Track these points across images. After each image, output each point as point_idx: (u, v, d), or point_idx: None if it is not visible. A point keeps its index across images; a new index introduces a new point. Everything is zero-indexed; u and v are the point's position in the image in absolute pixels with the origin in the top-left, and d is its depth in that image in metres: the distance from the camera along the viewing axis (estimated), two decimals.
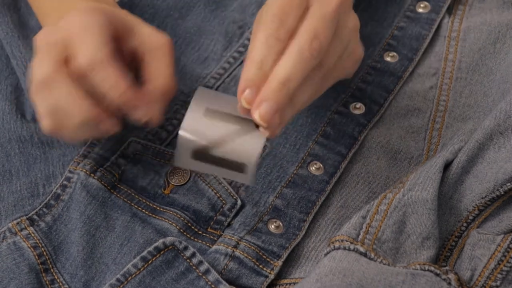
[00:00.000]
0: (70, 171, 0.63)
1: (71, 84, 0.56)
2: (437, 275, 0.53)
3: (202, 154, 0.56)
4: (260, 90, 0.53)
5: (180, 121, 0.68)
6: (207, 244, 0.61)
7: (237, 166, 0.56)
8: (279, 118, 0.53)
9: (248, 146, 0.55)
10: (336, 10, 0.55)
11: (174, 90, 0.60)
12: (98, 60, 0.56)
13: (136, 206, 0.62)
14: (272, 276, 0.59)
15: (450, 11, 0.73)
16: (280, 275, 0.60)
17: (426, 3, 0.73)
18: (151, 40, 0.61)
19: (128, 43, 0.61)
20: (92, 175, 0.63)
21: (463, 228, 0.59)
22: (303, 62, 0.53)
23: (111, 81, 0.56)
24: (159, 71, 0.60)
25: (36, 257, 0.60)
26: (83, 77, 0.57)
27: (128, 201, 0.62)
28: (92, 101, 0.57)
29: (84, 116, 0.57)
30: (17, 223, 0.62)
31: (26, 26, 0.71)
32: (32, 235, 0.61)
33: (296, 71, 0.53)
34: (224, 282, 0.57)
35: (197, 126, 0.56)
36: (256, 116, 0.53)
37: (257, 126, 0.55)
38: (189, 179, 0.63)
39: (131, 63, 0.61)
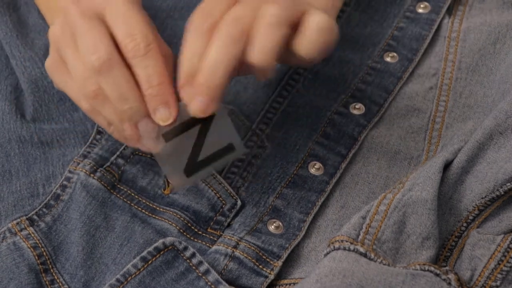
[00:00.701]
0: (70, 171, 0.63)
1: (127, 71, 0.56)
2: (437, 275, 0.53)
3: (193, 167, 0.57)
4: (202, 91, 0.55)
5: None
6: (207, 245, 0.61)
7: (227, 149, 0.58)
8: (214, 104, 0.55)
9: (220, 128, 0.57)
10: None
11: None
12: (144, 47, 0.56)
13: (136, 206, 0.62)
14: (272, 277, 0.59)
15: (450, 11, 0.73)
16: (280, 276, 0.60)
17: (426, 3, 0.73)
18: (161, 45, 0.61)
19: None
20: (92, 175, 0.63)
21: (463, 228, 0.59)
22: (226, 47, 0.54)
23: (155, 68, 0.56)
24: None
25: (36, 257, 0.60)
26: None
27: (128, 201, 0.62)
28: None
29: (136, 106, 0.56)
30: (17, 223, 0.62)
31: (25, 25, 0.71)
32: (32, 235, 0.61)
33: (221, 59, 0.54)
34: (224, 282, 0.57)
35: (168, 153, 0.58)
36: (192, 111, 0.55)
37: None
38: None
39: None
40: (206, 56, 0.55)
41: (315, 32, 0.57)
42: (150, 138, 0.57)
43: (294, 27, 0.57)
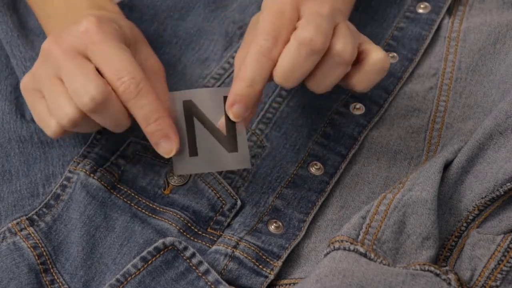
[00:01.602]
0: (70, 171, 0.63)
1: (120, 103, 0.56)
2: (437, 275, 0.53)
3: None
4: (248, 106, 0.56)
5: None
6: (207, 245, 0.61)
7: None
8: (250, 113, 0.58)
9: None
10: (330, 10, 0.56)
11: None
12: (136, 86, 0.56)
13: (136, 206, 0.62)
14: (272, 277, 0.59)
15: (450, 11, 0.73)
16: (280, 276, 0.60)
17: (426, 3, 0.73)
18: (151, 62, 0.62)
19: None
20: (92, 175, 0.62)
21: (463, 228, 0.59)
22: (300, 56, 0.55)
23: (150, 107, 0.56)
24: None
25: (36, 257, 0.60)
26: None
27: (128, 201, 0.62)
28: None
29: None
30: (17, 223, 0.62)
31: (25, 27, 0.71)
32: (32, 235, 0.61)
33: (294, 69, 0.55)
34: (223, 282, 0.57)
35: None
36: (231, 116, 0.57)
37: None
38: (189, 179, 0.63)
39: None
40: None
41: (375, 72, 0.58)
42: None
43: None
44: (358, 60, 0.59)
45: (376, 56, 0.58)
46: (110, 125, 0.58)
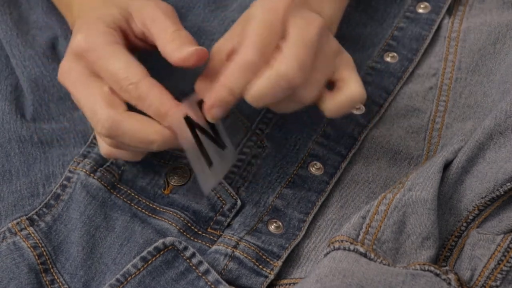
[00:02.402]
0: (70, 171, 0.63)
1: (135, 124, 0.56)
2: (437, 275, 0.53)
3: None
4: (226, 110, 0.56)
5: None
6: (207, 244, 0.61)
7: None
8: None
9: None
10: (316, 36, 0.56)
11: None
12: (139, 90, 0.56)
13: (136, 206, 0.62)
14: (272, 276, 0.59)
15: (450, 11, 0.73)
16: (280, 275, 0.60)
17: (426, 3, 0.73)
18: (149, 9, 0.60)
19: (135, 30, 0.61)
20: (92, 175, 0.62)
21: (463, 228, 0.59)
22: (276, 88, 0.55)
23: (156, 104, 0.56)
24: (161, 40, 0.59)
25: (36, 257, 0.60)
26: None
27: (128, 201, 0.62)
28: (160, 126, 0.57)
29: (162, 140, 0.57)
30: (17, 223, 0.62)
31: (26, 22, 0.71)
32: (32, 235, 0.61)
33: (267, 96, 0.56)
34: (224, 282, 0.57)
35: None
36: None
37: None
38: (189, 179, 0.63)
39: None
40: (253, 86, 0.56)
41: (348, 105, 0.58)
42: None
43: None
44: (335, 86, 0.59)
45: (354, 90, 0.58)
46: (141, 138, 0.57)
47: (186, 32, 0.59)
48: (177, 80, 0.71)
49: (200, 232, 0.61)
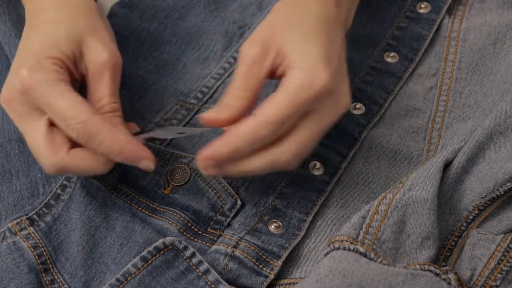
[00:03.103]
0: None
1: (80, 163, 0.57)
2: (437, 275, 0.53)
3: None
4: (220, 165, 0.57)
5: (179, 120, 0.68)
6: (207, 244, 0.61)
7: None
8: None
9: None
10: (325, 131, 0.58)
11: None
12: (87, 129, 0.56)
13: (136, 206, 0.62)
14: (272, 276, 0.59)
15: (450, 11, 0.73)
16: (280, 275, 0.60)
17: (426, 3, 0.73)
18: (97, 56, 0.60)
19: (81, 63, 0.61)
20: None
21: (463, 228, 0.59)
22: (267, 171, 0.57)
23: (108, 142, 0.56)
24: (101, 92, 0.60)
25: (36, 257, 0.60)
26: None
27: (128, 201, 0.62)
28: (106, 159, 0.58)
29: (109, 168, 0.59)
30: (17, 223, 0.62)
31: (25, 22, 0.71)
32: (32, 235, 0.61)
33: (253, 173, 0.57)
34: (224, 282, 0.57)
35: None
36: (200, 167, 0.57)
37: None
38: (189, 179, 0.63)
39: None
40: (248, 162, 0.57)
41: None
42: None
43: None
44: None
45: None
46: (89, 172, 0.58)
47: (116, 107, 0.60)
48: (177, 81, 0.71)
49: (200, 232, 0.61)
